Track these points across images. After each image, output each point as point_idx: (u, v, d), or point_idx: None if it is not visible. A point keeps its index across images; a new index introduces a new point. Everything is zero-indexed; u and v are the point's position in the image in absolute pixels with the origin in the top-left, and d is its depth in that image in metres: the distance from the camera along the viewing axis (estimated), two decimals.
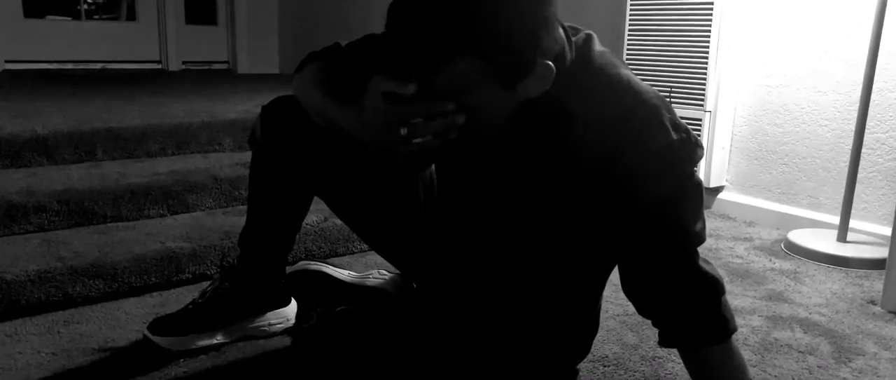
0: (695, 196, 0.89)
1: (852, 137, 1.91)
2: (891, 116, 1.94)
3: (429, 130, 0.80)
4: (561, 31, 0.87)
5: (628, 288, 0.96)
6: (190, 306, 1.25)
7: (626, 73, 0.89)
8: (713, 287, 0.91)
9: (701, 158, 0.88)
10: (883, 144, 1.97)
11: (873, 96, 1.91)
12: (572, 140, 0.88)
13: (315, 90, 0.97)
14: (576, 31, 0.91)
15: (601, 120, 0.86)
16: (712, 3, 2.12)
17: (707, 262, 0.92)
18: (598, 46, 0.90)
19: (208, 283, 1.32)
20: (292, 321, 1.32)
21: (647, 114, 0.85)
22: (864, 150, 1.96)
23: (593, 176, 0.88)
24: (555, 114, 0.87)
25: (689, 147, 0.86)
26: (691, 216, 0.89)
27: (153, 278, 1.50)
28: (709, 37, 2.15)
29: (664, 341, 0.95)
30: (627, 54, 2.36)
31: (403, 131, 0.77)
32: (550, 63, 0.82)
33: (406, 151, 0.81)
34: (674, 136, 0.85)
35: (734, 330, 0.92)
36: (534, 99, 0.85)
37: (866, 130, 1.93)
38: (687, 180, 0.88)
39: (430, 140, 0.81)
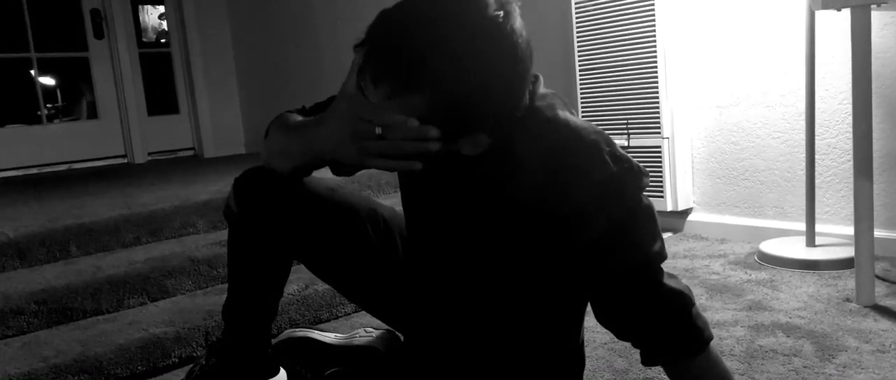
0: (647, 219, 0.92)
1: (805, 146, 1.99)
2: (837, 121, 2.03)
3: (397, 134, 0.84)
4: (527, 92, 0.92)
5: (601, 316, 0.98)
6: None
7: (564, 113, 0.93)
8: (682, 300, 0.93)
9: (646, 185, 0.91)
10: (834, 148, 2.05)
11: (817, 104, 2.00)
12: (518, 180, 0.91)
13: (286, 120, 1.03)
14: None
15: (543, 159, 0.90)
16: (655, 37, 2.22)
17: (672, 277, 0.94)
18: (541, 89, 0.95)
19: (194, 363, 1.32)
20: None
21: (587, 149, 0.89)
22: (817, 156, 2.04)
23: (543, 214, 0.91)
24: (499, 156, 0.91)
25: (632, 175, 0.89)
26: (648, 238, 0.91)
27: (140, 367, 1.48)
28: (656, 69, 2.24)
29: (646, 360, 0.97)
30: (581, 92, 2.44)
31: (378, 131, 0.84)
32: (486, 137, 0.87)
33: (375, 148, 0.85)
34: (614, 168, 0.88)
35: (710, 339, 0.94)
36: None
37: (816, 137, 2.02)
38: (636, 206, 0.91)
39: (398, 144, 0.84)
